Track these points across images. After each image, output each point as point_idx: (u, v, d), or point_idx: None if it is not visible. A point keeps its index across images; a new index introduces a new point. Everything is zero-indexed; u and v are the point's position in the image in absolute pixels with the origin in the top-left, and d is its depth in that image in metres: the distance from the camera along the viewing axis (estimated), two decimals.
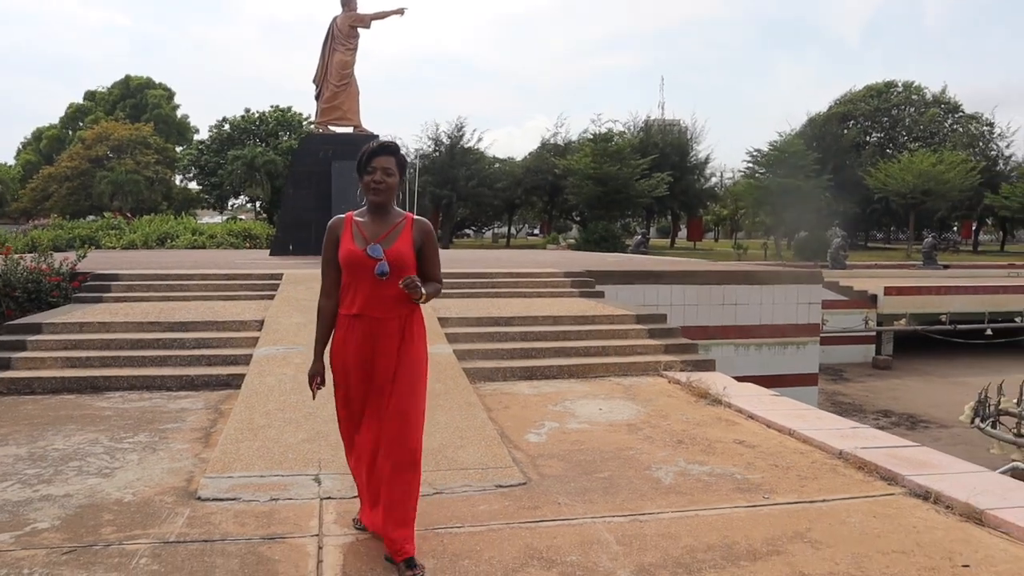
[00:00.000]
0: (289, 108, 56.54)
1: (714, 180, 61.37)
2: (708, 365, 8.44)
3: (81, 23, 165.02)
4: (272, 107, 56.65)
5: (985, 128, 61.21)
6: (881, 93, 66.49)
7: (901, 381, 18.96)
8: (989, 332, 21.69)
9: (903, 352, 22.41)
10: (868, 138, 65.16)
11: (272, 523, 4.01)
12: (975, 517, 4.15)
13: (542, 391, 7.29)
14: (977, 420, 9.85)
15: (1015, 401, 9.88)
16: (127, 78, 67.24)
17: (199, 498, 4.36)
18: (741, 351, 13.69)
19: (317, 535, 3.88)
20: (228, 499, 4.33)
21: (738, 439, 5.72)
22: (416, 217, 3.68)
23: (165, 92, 67.19)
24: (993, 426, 9.69)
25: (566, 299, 11.18)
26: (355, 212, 3.65)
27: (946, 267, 34.27)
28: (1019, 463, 9.78)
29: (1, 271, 10.24)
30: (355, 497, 4.11)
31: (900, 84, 67.51)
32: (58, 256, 12.34)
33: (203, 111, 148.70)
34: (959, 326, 21.54)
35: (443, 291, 4.26)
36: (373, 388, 3.56)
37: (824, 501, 4.45)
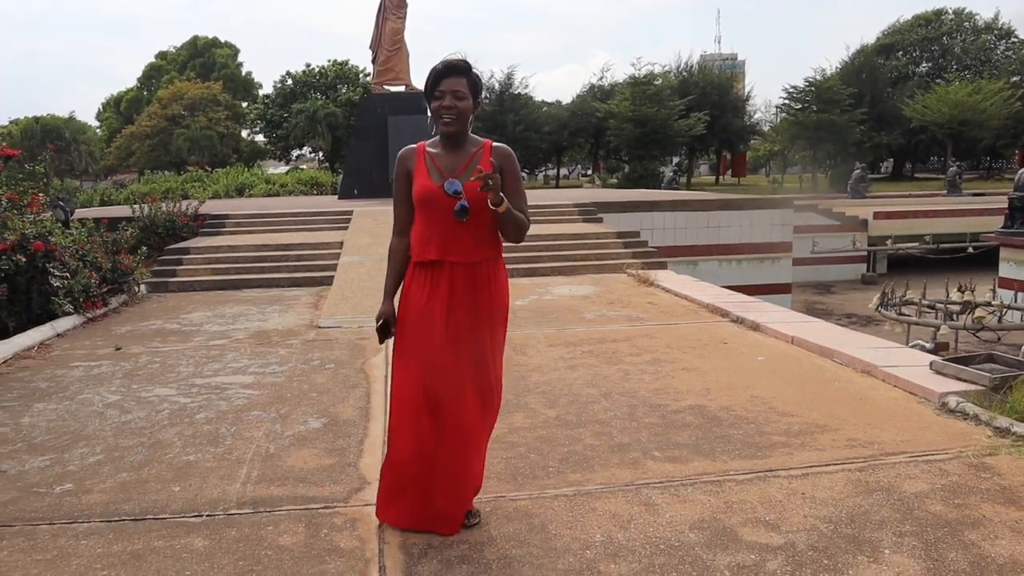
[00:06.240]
0: (346, 61, 59.84)
1: (758, 116, 62.67)
2: (662, 265, 11.59)
3: None
4: (330, 61, 60.00)
5: None
6: (930, 22, 66.43)
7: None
8: (971, 250, 24.05)
9: (897, 270, 24.95)
10: (917, 68, 65.39)
11: (361, 335, 7.36)
12: (756, 327, 7.29)
13: (536, 282, 10.55)
14: (880, 308, 12.93)
15: (917, 296, 12.95)
16: (195, 38, 71.23)
17: (319, 327, 7.77)
18: (724, 265, 16.73)
19: None
20: (335, 327, 7.73)
21: (650, 301, 8.92)
22: (496, 143, 3.23)
23: (231, 50, 70.95)
24: (887, 310, 12.78)
25: (570, 224, 14.36)
26: (427, 142, 3.23)
27: (977, 195, 35.64)
28: (921, 341, 12.84)
29: (147, 214, 13.84)
30: None
31: (951, 12, 67.24)
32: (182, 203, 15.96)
33: (263, 65, 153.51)
34: (941, 245, 24.02)
35: None
36: (448, 343, 3.12)
37: (675, 324, 7.64)
